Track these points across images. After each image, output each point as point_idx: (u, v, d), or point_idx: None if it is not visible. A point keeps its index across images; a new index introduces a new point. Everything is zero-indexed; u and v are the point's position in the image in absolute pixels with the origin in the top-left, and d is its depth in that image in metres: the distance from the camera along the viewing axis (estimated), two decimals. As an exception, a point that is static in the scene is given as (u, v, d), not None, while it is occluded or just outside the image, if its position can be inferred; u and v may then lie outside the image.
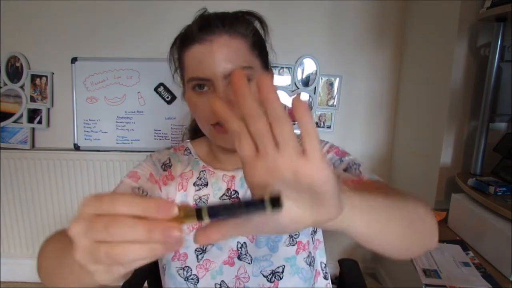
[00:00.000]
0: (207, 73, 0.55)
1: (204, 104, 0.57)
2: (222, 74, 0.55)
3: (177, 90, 1.80)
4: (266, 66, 0.64)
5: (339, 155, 0.64)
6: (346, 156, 0.64)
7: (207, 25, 0.56)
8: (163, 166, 0.69)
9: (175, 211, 0.26)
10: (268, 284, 0.63)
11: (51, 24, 1.79)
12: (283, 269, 0.63)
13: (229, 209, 0.27)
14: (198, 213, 0.27)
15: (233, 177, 0.66)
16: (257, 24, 0.63)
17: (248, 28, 0.59)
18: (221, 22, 0.56)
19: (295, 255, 0.64)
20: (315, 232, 0.69)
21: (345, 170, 0.61)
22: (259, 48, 0.61)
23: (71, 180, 1.88)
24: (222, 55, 0.55)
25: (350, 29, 1.79)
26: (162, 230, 0.25)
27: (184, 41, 0.59)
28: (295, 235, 0.64)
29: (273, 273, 0.63)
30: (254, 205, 0.27)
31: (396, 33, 1.79)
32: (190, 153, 0.71)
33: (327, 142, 0.69)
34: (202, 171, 0.68)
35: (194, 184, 0.67)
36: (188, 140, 0.75)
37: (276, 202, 0.27)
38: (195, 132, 0.77)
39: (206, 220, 0.27)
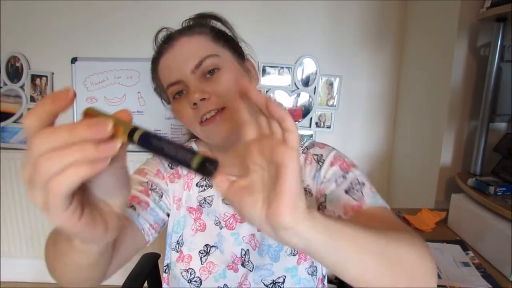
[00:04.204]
0: (176, 75, 0.57)
1: (186, 106, 0.57)
2: (189, 70, 0.56)
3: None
4: (241, 56, 0.65)
5: (343, 170, 0.59)
6: (351, 170, 0.59)
7: (167, 38, 0.60)
8: (170, 164, 0.68)
9: (108, 128, 0.24)
10: None
11: (51, 24, 1.79)
12: (284, 279, 0.62)
13: (161, 144, 0.26)
14: (131, 132, 0.26)
15: None
16: (217, 23, 0.65)
17: (202, 26, 0.61)
18: (178, 31, 0.60)
19: (296, 266, 0.62)
20: None
21: (346, 191, 0.55)
22: (224, 39, 0.62)
23: (71, 180, 1.87)
24: (183, 54, 0.57)
25: (350, 29, 1.79)
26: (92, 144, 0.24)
27: (154, 60, 0.62)
28: None
29: (274, 283, 0.62)
30: (184, 152, 0.25)
31: (396, 33, 1.79)
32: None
33: (333, 149, 0.65)
34: None
35: (197, 185, 0.67)
36: (194, 140, 0.74)
37: (207, 163, 0.25)
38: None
39: (134, 141, 0.26)
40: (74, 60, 1.81)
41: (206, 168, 0.24)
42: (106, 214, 0.31)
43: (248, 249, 0.63)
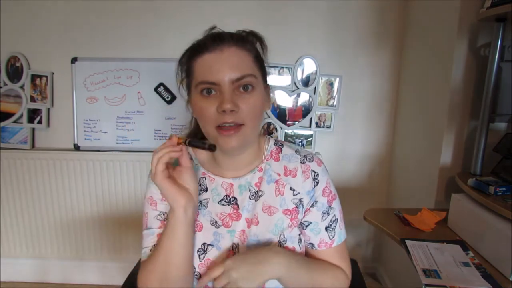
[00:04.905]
0: (216, 78, 0.61)
1: (211, 107, 0.62)
2: (230, 79, 0.61)
3: (177, 90, 1.80)
4: (265, 81, 0.71)
5: (328, 203, 0.72)
6: (333, 204, 0.73)
7: (218, 37, 0.64)
8: None
9: (175, 140, 0.63)
10: None
11: (51, 24, 1.79)
12: None
13: (194, 142, 0.63)
14: (184, 141, 0.63)
15: (231, 185, 0.71)
16: (258, 46, 0.70)
17: (252, 45, 0.67)
18: (230, 36, 0.64)
19: None
20: (301, 240, 0.72)
21: (326, 228, 0.71)
22: (260, 63, 0.68)
23: (71, 180, 1.88)
24: (230, 62, 0.62)
25: (350, 29, 1.79)
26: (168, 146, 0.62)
27: (196, 50, 0.65)
28: (283, 240, 0.69)
29: None
30: (202, 145, 0.62)
31: (396, 33, 1.80)
32: (191, 158, 0.73)
33: (326, 172, 0.74)
34: (202, 177, 0.73)
35: None
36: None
37: (212, 146, 0.62)
38: (195, 137, 0.79)
39: (186, 144, 0.63)
40: (74, 60, 1.81)
41: (212, 147, 0.62)
42: (183, 190, 0.63)
43: (238, 243, 0.69)
